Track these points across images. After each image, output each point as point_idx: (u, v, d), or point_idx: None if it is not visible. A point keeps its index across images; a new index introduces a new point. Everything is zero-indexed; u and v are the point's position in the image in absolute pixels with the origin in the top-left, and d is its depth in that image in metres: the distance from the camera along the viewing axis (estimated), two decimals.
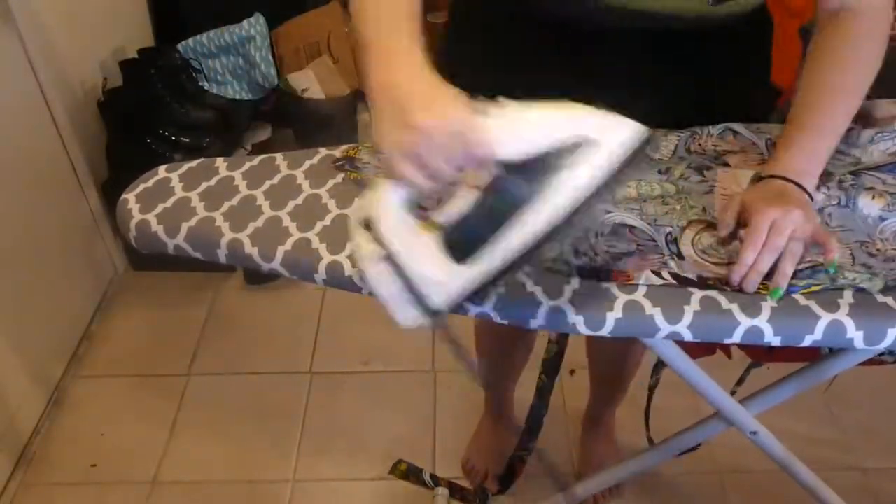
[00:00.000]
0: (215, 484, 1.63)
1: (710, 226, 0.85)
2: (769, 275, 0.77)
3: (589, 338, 1.46)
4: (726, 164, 0.93)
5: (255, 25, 2.16)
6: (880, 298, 0.76)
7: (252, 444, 1.71)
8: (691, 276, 0.79)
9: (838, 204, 0.87)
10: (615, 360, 1.46)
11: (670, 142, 0.96)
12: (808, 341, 0.75)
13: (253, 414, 1.78)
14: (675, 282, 0.78)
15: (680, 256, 0.81)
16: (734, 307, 0.76)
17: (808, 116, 0.86)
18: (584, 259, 0.81)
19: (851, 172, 0.91)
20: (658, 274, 0.79)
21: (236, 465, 1.66)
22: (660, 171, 0.92)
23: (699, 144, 0.95)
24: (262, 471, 1.65)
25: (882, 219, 0.84)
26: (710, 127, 0.96)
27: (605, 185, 0.63)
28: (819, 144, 0.85)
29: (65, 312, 1.90)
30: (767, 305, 0.76)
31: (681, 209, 0.87)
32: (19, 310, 1.68)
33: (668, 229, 0.84)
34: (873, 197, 0.86)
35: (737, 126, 0.96)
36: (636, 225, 0.85)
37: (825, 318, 0.75)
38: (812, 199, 0.82)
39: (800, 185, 0.82)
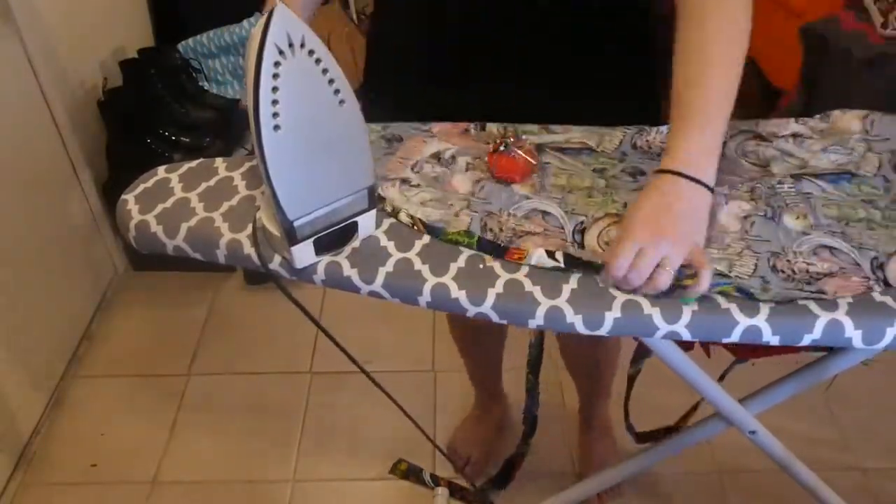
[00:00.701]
0: (215, 484, 1.63)
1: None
2: None
3: (559, 336, 1.47)
4: None
5: (255, 25, 2.16)
6: (878, 298, 0.76)
7: (252, 444, 1.71)
8: (583, 257, 0.80)
9: (764, 216, 0.86)
10: (586, 354, 1.47)
11: (615, 137, 0.97)
12: (806, 340, 0.75)
13: (253, 414, 1.78)
14: (563, 265, 0.80)
15: (581, 246, 0.83)
16: (733, 307, 0.76)
17: (692, 98, 0.80)
18: (489, 234, 0.83)
19: (793, 175, 0.91)
20: (551, 255, 0.80)
21: (236, 465, 1.67)
22: (594, 170, 0.93)
23: (646, 141, 0.96)
24: (262, 471, 1.66)
25: (804, 234, 0.84)
26: (661, 127, 0.97)
27: None
28: (710, 129, 0.79)
29: (65, 312, 1.90)
30: (766, 305, 0.76)
31: (602, 202, 0.88)
32: (19, 310, 1.68)
33: (582, 219, 0.86)
34: (797, 217, 0.86)
35: None
36: (551, 212, 0.87)
37: (824, 318, 0.75)
38: (711, 190, 0.78)
39: (696, 180, 0.77)
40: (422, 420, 1.71)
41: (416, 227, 0.85)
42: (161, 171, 0.96)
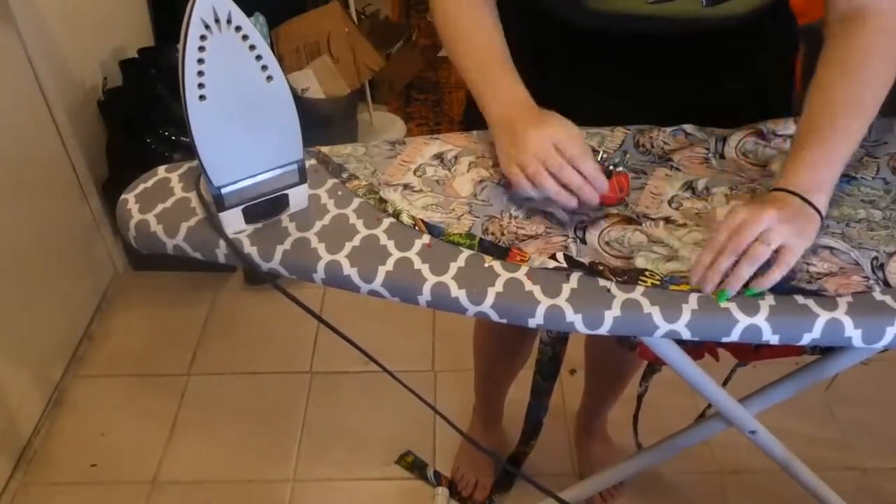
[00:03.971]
0: (215, 484, 1.63)
1: (627, 220, 0.86)
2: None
3: (588, 339, 1.47)
4: (670, 160, 0.94)
5: (255, 25, 2.16)
6: (878, 297, 0.76)
7: (252, 444, 1.71)
8: (584, 260, 0.81)
9: None
10: (614, 358, 1.46)
11: (616, 137, 0.97)
12: (806, 339, 0.75)
13: (253, 414, 1.78)
14: (564, 265, 0.80)
15: (583, 241, 0.84)
16: (732, 306, 0.76)
17: (822, 131, 0.81)
18: (490, 237, 0.84)
19: None
20: (553, 257, 0.81)
21: (236, 465, 1.67)
22: None
23: (648, 138, 0.97)
24: (262, 471, 1.66)
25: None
26: (666, 128, 0.97)
27: None
28: (832, 159, 0.79)
29: (65, 312, 1.90)
30: (765, 304, 0.76)
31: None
32: (20, 309, 1.68)
33: (583, 217, 0.87)
34: None
35: (688, 127, 0.98)
36: (553, 212, 0.87)
37: (824, 317, 0.75)
38: (822, 216, 0.78)
39: (806, 200, 0.77)
40: (422, 419, 1.73)
41: (417, 227, 0.85)
42: (161, 170, 0.96)
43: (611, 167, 0.88)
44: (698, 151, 0.95)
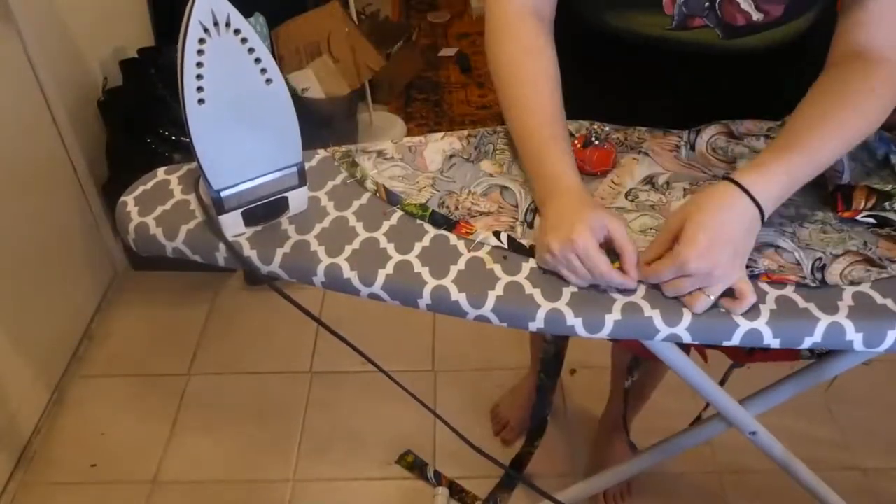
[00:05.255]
0: (215, 484, 1.63)
1: None
2: None
3: (614, 347, 1.46)
4: (640, 146, 0.96)
5: (255, 25, 2.17)
6: (879, 300, 0.76)
7: (252, 444, 1.71)
8: (525, 243, 0.83)
9: None
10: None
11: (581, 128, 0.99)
12: (807, 343, 0.75)
13: (253, 414, 1.78)
14: (506, 246, 0.83)
15: (530, 226, 0.86)
16: None
17: (798, 139, 0.80)
18: (444, 210, 0.87)
19: None
20: (497, 235, 0.84)
21: (236, 465, 1.67)
22: None
23: (623, 133, 0.98)
24: (262, 471, 1.66)
25: None
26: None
27: None
28: (797, 170, 0.79)
29: (65, 312, 1.90)
30: (766, 308, 0.76)
31: None
32: (20, 309, 1.68)
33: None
34: None
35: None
36: (510, 187, 0.90)
37: (825, 321, 0.75)
38: (763, 221, 0.77)
39: (755, 202, 0.76)
40: (422, 419, 1.73)
41: (378, 194, 0.90)
42: (160, 172, 0.96)
43: (593, 139, 0.91)
44: (671, 139, 0.97)
